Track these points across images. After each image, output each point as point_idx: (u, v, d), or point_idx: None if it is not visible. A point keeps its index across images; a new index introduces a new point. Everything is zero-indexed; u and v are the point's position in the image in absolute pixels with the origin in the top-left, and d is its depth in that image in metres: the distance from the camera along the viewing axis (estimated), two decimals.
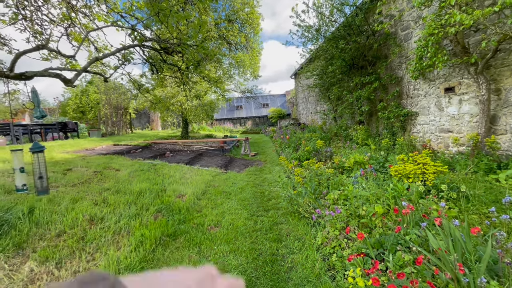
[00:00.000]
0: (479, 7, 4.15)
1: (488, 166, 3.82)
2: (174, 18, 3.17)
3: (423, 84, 5.82)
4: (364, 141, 7.13)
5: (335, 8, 7.27)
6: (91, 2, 4.14)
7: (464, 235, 1.86)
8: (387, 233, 2.44)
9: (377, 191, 3.14)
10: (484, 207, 2.82)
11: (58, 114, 20.88)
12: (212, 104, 14.80)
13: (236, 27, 12.04)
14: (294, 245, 2.79)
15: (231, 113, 30.49)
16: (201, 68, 5.55)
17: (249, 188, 5.04)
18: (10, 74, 2.53)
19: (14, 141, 10.47)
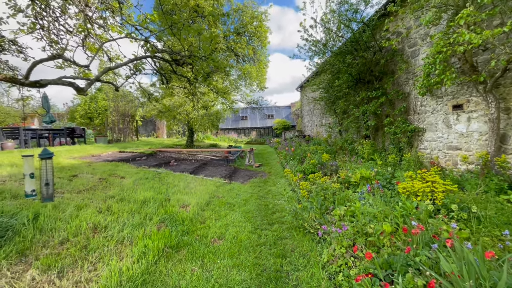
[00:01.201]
0: (488, 26, 4.17)
1: (498, 186, 3.73)
2: (186, 31, 3.25)
3: (431, 101, 5.81)
4: (370, 156, 7.07)
5: (343, 24, 7.38)
6: (107, 14, 4.28)
7: (478, 259, 1.79)
8: (396, 253, 2.36)
9: (384, 208, 3.08)
10: (496, 229, 2.74)
11: (66, 119, 21.24)
12: (218, 114, 14.93)
13: (244, 40, 12.29)
14: (299, 262, 2.72)
15: (236, 123, 30.67)
16: (209, 79, 5.63)
17: (253, 200, 4.99)
18: (25, 81, 2.60)
19: (22, 145, 10.63)
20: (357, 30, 7.38)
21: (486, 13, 3.52)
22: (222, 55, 11.92)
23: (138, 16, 3.56)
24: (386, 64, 7.23)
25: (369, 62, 7.35)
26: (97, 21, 4.10)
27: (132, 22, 3.73)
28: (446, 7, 4.49)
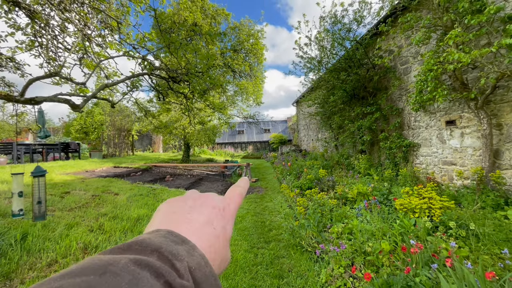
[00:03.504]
0: (476, 46, 4.33)
1: (495, 202, 3.73)
2: (183, 49, 3.31)
3: (424, 116, 5.90)
4: (366, 171, 7.07)
5: (336, 42, 7.61)
6: (105, 32, 4.36)
7: (478, 280, 1.76)
8: (395, 273, 2.31)
9: (382, 226, 3.04)
10: (495, 246, 2.71)
11: (62, 134, 21.09)
12: (215, 129, 14.97)
13: (241, 57, 12.57)
14: (297, 283, 2.63)
15: (233, 138, 30.72)
16: (206, 96, 5.69)
17: (249, 217, 4.90)
18: (20, 99, 2.59)
19: (14, 161, 10.45)
20: (351, 48, 7.60)
21: (474, 34, 3.66)
22: (219, 71, 12.13)
23: (137, 35, 3.63)
24: (380, 80, 7.40)
25: (363, 78, 7.52)
26: (96, 39, 4.17)
27: (130, 40, 3.80)
28: (435, 27, 4.68)
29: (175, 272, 0.22)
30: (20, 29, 3.64)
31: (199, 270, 0.24)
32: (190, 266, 0.23)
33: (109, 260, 0.21)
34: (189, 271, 0.23)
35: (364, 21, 7.17)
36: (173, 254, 0.23)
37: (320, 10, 11.13)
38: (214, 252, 0.29)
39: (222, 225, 0.32)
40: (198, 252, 0.25)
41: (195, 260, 0.24)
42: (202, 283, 0.23)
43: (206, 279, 0.24)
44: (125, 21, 3.88)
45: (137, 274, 0.20)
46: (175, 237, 0.26)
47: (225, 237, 0.32)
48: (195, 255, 0.25)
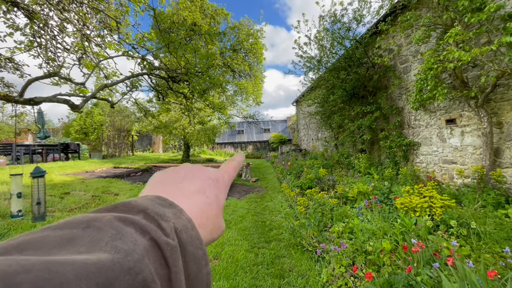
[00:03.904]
0: (476, 44, 4.32)
1: (496, 201, 3.72)
2: (183, 49, 3.30)
3: (424, 115, 5.90)
4: (366, 170, 7.06)
5: (336, 41, 7.60)
6: (105, 32, 4.35)
7: (480, 279, 1.75)
8: (396, 272, 2.30)
9: (383, 225, 3.03)
10: (496, 245, 2.70)
11: (61, 134, 21.07)
12: (214, 129, 14.95)
13: (240, 56, 12.55)
14: (298, 282, 2.63)
15: (233, 138, 30.71)
16: (206, 95, 5.68)
17: (249, 217, 4.89)
18: (19, 99, 2.58)
19: (14, 161, 10.44)
20: (350, 47, 7.59)
21: (474, 32, 3.65)
22: (219, 71, 12.11)
23: (136, 35, 3.62)
24: (379, 79, 7.39)
25: (362, 77, 7.51)
26: (95, 39, 4.15)
27: (129, 40, 3.79)
28: (435, 26, 4.67)
29: (160, 231, 0.22)
30: (19, 29, 3.63)
31: (185, 232, 0.24)
32: (176, 227, 0.23)
33: (93, 217, 0.21)
34: (175, 232, 0.23)
35: (363, 20, 7.16)
36: (159, 214, 0.23)
37: (319, 9, 11.13)
38: (206, 218, 0.29)
39: (215, 194, 0.33)
40: (185, 216, 0.26)
41: (181, 223, 0.24)
42: (187, 244, 0.23)
43: (192, 241, 0.24)
44: (124, 21, 3.86)
45: (121, 229, 0.20)
46: (162, 201, 0.26)
47: (218, 205, 0.32)
48: (182, 218, 0.25)
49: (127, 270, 0.17)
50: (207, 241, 0.29)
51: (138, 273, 0.18)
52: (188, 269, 0.22)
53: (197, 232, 0.25)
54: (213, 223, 0.30)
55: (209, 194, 0.32)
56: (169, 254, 0.21)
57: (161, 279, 0.19)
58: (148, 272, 0.18)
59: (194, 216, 0.27)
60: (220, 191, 0.34)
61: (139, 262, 0.18)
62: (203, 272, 0.24)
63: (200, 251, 0.24)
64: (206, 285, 0.24)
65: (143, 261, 0.18)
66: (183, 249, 0.23)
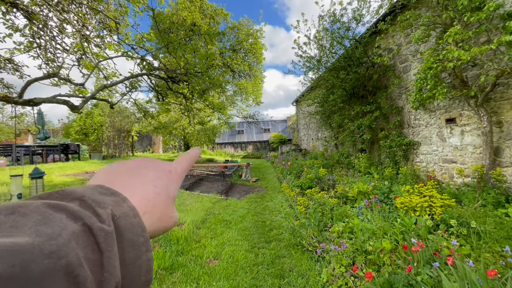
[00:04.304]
0: (475, 43, 4.32)
1: (496, 200, 3.72)
2: (182, 49, 3.29)
3: (424, 114, 5.89)
4: (366, 170, 7.06)
5: (335, 41, 7.60)
6: (104, 33, 4.35)
7: (480, 278, 1.75)
8: (396, 272, 2.30)
9: (383, 224, 3.03)
10: (496, 244, 2.70)
11: (61, 135, 21.08)
12: (214, 129, 14.96)
13: (240, 56, 12.56)
14: (298, 282, 2.63)
15: (233, 138, 30.71)
16: (205, 96, 5.68)
17: (250, 217, 4.89)
18: (19, 100, 2.58)
19: (14, 162, 10.44)
20: (350, 47, 7.59)
21: (473, 31, 3.65)
22: (219, 71, 12.11)
23: (135, 36, 3.62)
24: (379, 79, 7.39)
25: (362, 77, 7.51)
26: (94, 39, 4.15)
27: (129, 41, 3.78)
28: (434, 25, 4.66)
29: (95, 217, 0.22)
30: (18, 30, 3.62)
31: (124, 219, 0.24)
32: (114, 214, 0.24)
33: (21, 203, 0.20)
34: (113, 219, 0.23)
35: (363, 19, 7.16)
36: (96, 201, 0.23)
37: (319, 9, 11.12)
38: (153, 206, 0.30)
39: (164, 184, 0.33)
40: (128, 204, 0.26)
41: (121, 210, 0.24)
42: (125, 230, 0.23)
43: (132, 228, 0.24)
44: (124, 21, 3.86)
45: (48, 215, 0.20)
46: (105, 190, 0.26)
47: (168, 196, 0.33)
48: (123, 206, 0.25)
49: (48, 254, 0.17)
50: (156, 229, 0.30)
51: (61, 257, 0.17)
52: (125, 254, 0.23)
53: (139, 220, 0.25)
54: (161, 212, 0.31)
55: (157, 184, 0.32)
56: (103, 239, 0.21)
57: (92, 264, 0.20)
58: (74, 257, 0.18)
59: (139, 205, 0.28)
60: (171, 182, 0.35)
61: (64, 246, 0.18)
62: (143, 258, 0.24)
63: (142, 238, 0.24)
64: (146, 271, 0.25)
65: (69, 246, 0.18)
66: (120, 235, 0.23)
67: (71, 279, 0.17)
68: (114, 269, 0.21)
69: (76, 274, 0.18)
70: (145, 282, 0.25)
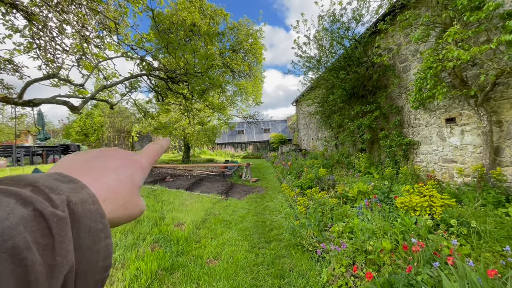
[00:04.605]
0: (475, 43, 4.32)
1: (496, 199, 3.72)
2: (182, 50, 3.30)
3: (424, 114, 5.89)
4: (366, 169, 7.06)
5: (335, 41, 7.60)
6: (104, 33, 4.35)
7: (480, 278, 1.74)
8: (396, 272, 2.30)
9: (383, 224, 3.03)
10: (497, 244, 2.69)
11: (61, 136, 21.09)
12: (214, 129, 14.94)
13: (240, 56, 12.54)
14: (298, 283, 2.63)
15: (233, 138, 30.71)
16: (205, 96, 5.68)
17: (250, 217, 4.89)
18: (18, 101, 2.58)
19: (14, 163, 10.45)
20: (350, 47, 7.59)
21: (473, 31, 3.65)
22: (219, 71, 12.10)
23: (135, 36, 3.62)
24: (379, 79, 7.38)
25: (362, 77, 7.50)
26: (94, 40, 4.15)
27: (128, 41, 3.78)
28: (434, 25, 4.66)
29: (48, 202, 0.22)
30: (18, 31, 3.62)
31: (82, 205, 0.24)
32: (70, 200, 0.24)
33: None
34: (68, 205, 0.23)
35: (362, 19, 7.16)
36: (50, 188, 0.23)
37: (318, 9, 11.11)
38: (114, 193, 0.30)
39: (129, 172, 0.34)
40: (87, 191, 0.26)
41: (79, 197, 0.25)
42: (82, 216, 0.24)
43: (89, 214, 0.24)
44: (123, 22, 3.86)
45: None
46: (62, 177, 0.26)
47: (132, 184, 0.33)
48: (82, 193, 0.25)
49: None
50: (119, 216, 0.31)
51: (6, 239, 0.18)
52: (81, 239, 0.23)
53: (98, 207, 0.26)
54: (124, 199, 0.31)
55: (120, 172, 0.33)
56: (55, 224, 0.21)
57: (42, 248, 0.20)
58: (21, 240, 0.18)
59: (99, 192, 0.28)
60: (135, 171, 0.35)
61: (9, 229, 0.18)
62: (101, 244, 0.25)
63: (100, 224, 0.25)
64: (104, 257, 0.25)
65: (15, 229, 0.19)
66: (76, 221, 0.23)
67: (17, 261, 0.18)
68: (68, 253, 0.21)
69: (24, 257, 0.18)
70: (103, 267, 0.25)
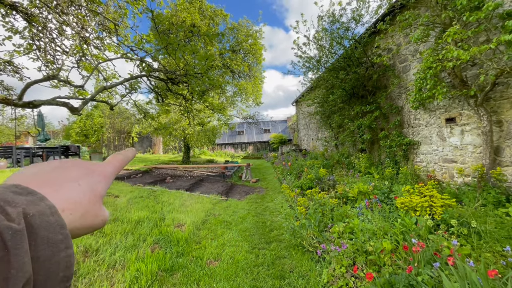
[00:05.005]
0: (475, 43, 4.32)
1: (496, 199, 3.72)
2: (181, 51, 3.30)
3: (424, 114, 5.89)
4: (367, 170, 7.06)
5: (335, 41, 7.60)
6: (103, 34, 4.35)
7: (481, 279, 1.74)
8: (397, 272, 2.30)
9: (383, 225, 3.02)
10: (497, 244, 2.69)
11: (61, 137, 21.10)
12: (214, 130, 14.94)
13: (239, 57, 12.54)
14: (298, 283, 2.62)
15: (233, 138, 30.71)
16: (205, 97, 5.68)
17: (250, 218, 4.89)
18: (18, 102, 2.58)
19: (15, 164, 10.44)
20: (349, 47, 7.59)
21: (472, 31, 3.65)
22: (218, 72, 12.11)
23: (134, 37, 3.62)
24: (379, 79, 7.38)
25: (362, 77, 7.50)
26: (94, 41, 4.16)
27: (128, 42, 3.79)
28: (433, 25, 4.66)
29: (3, 216, 0.22)
30: (18, 32, 3.63)
31: (39, 217, 0.24)
32: (27, 212, 0.24)
33: None
34: (25, 217, 0.23)
35: (362, 19, 7.16)
36: (6, 201, 0.24)
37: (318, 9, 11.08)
38: (74, 203, 0.30)
39: (90, 182, 0.34)
40: (46, 203, 0.26)
41: (37, 209, 0.25)
42: (39, 228, 0.24)
43: (47, 226, 0.24)
44: (123, 23, 3.86)
45: None
46: (20, 189, 0.26)
47: (94, 194, 0.33)
48: (40, 204, 0.25)
49: None
50: (79, 227, 0.31)
51: None
52: (38, 251, 0.23)
53: (58, 218, 0.26)
54: (86, 209, 0.31)
55: (82, 182, 0.33)
56: (10, 237, 0.21)
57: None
58: None
59: (59, 202, 0.28)
60: (98, 180, 0.35)
61: None
62: (61, 255, 0.25)
63: (60, 235, 0.25)
64: (65, 267, 0.25)
65: None
66: (33, 233, 0.23)
67: None
68: (23, 265, 0.21)
69: None
70: (64, 277, 0.25)
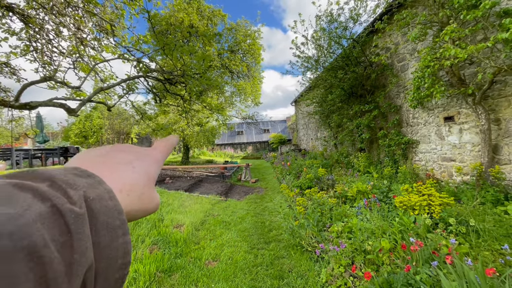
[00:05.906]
0: (472, 41, 4.32)
1: (495, 197, 3.71)
2: (179, 51, 3.29)
3: (422, 113, 5.89)
4: (366, 169, 7.06)
5: (333, 41, 7.60)
6: (101, 35, 4.34)
7: (479, 277, 1.74)
8: (395, 271, 2.30)
9: (382, 224, 3.02)
10: (496, 242, 2.69)
11: (60, 138, 21.07)
12: (213, 130, 14.93)
13: (238, 57, 12.55)
14: (297, 283, 2.62)
15: (232, 138, 30.70)
16: (203, 97, 5.67)
17: (249, 218, 4.88)
18: (15, 104, 2.57)
19: (13, 166, 10.43)
20: (347, 47, 7.59)
21: (469, 29, 3.65)
22: (217, 72, 12.10)
23: (131, 38, 3.61)
24: (377, 78, 7.39)
25: (360, 76, 7.50)
26: (91, 42, 4.15)
27: (125, 43, 3.78)
28: (431, 24, 4.67)
29: (66, 198, 0.21)
30: (15, 34, 3.61)
31: (99, 202, 0.24)
32: (87, 196, 0.23)
33: None
34: (86, 201, 0.23)
35: (360, 19, 7.16)
36: (68, 183, 0.23)
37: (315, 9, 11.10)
38: (130, 185, 0.30)
39: (143, 165, 0.34)
40: (104, 187, 0.26)
41: (96, 192, 0.24)
42: (100, 213, 0.23)
43: (106, 211, 0.24)
44: (120, 24, 3.86)
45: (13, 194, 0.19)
46: (79, 171, 0.26)
47: (148, 177, 0.33)
48: (99, 188, 0.25)
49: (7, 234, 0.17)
50: (136, 209, 0.30)
51: (23, 238, 0.17)
52: (99, 237, 0.23)
53: (116, 203, 0.25)
54: (141, 192, 0.31)
55: (136, 165, 0.32)
56: (73, 221, 0.21)
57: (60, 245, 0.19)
58: (39, 238, 0.18)
59: (116, 185, 0.28)
60: (150, 164, 0.35)
61: (26, 227, 0.18)
62: (119, 241, 0.24)
63: (118, 221, 0.24)
64: (123, 254, 0.24)
65: (33, 226, 0.18)
66: (94, 218, 0.23)
67: (35, 259, 0.17)
68: (86, 251, 0.21)
69: (41, 255, 0.18)
70: (122, 265, 0.24)
